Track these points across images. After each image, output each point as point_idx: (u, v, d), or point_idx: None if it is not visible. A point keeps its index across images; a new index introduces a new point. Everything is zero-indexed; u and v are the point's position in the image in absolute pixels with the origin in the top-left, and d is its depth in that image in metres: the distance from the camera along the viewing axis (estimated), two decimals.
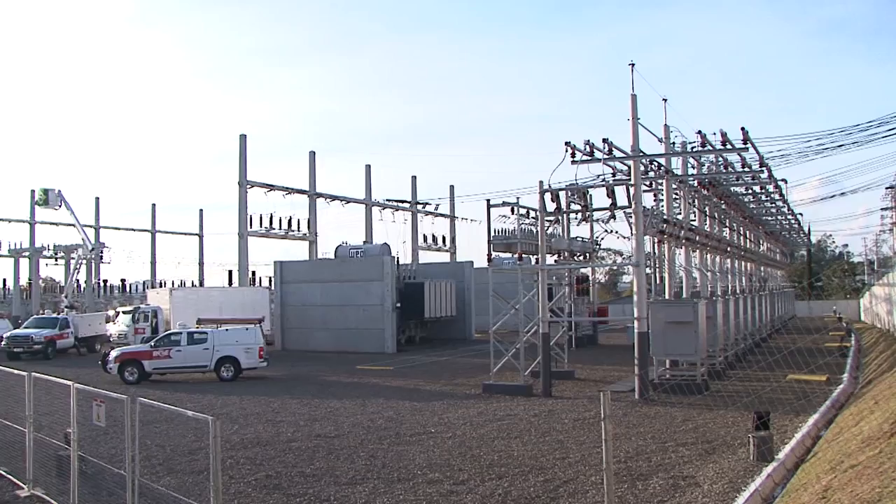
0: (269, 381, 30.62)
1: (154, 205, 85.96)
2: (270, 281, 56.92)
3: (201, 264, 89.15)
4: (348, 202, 64.49)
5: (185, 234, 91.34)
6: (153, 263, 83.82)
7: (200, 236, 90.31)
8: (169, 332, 34.07)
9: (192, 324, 32.96)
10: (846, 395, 22.49)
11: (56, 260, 63.89)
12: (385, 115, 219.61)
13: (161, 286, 70.64)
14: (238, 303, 45.61)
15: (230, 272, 62.85)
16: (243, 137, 52.87)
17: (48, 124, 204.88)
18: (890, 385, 20.19)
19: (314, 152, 60.12)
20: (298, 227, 58.55)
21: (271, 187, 55.55)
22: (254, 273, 61.20)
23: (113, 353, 31.37)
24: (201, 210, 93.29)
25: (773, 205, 44.80)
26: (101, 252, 61.56)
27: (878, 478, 9.69)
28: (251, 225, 53.44)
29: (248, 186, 53.04)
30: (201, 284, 77.96)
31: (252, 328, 31.94)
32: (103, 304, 64.67)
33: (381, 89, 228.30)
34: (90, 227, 71.45)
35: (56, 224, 67.34)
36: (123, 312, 47.25)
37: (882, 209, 61.82)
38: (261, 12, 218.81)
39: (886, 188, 52.80)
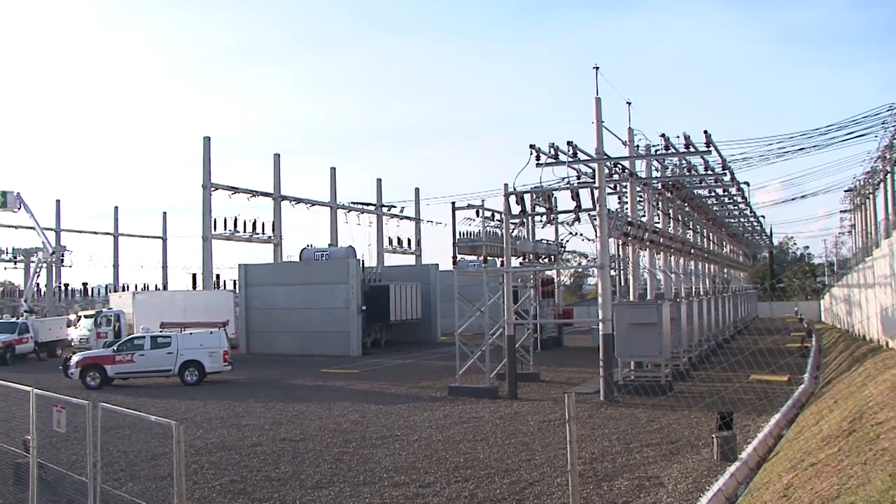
0: (234, 385, 30.39)
1: (116, 207, 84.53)
2: (235, 284, 56.38)
3: (165, 267, 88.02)
4: (313, 205, 64.15)
5: (149, 237, 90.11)
6: (116, 267, 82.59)
7: (164, 239, 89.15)
8: (132, 336, 33.67)
9: (155, 327, 32.58)
10: (807, 395, 22.82)
11: (15, 263, 62.85)
12: (351, 118, 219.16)
13: (124, 290, 69.62)
14: (202, 306, 45.14)
15: (194, 275, 61.93)
16: (207, 140, 52.34)
17: (6, 124, 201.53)
18: (849, 385, 20.54)
19: (279, 154, 59.74)
20: (263, 230, 58.14)
21: (236, 190, 55.07)
22: (218, 276, 60.56)
23: (74, 358, 30.96)
24: (165, 213, 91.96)
25: (736, 207, 45.38)
26: (62, 255, 60.65)
27: (837, 475, 9.85)
28: (215, 228, 52.90)
29: (213, 189, 52.50)
30: (165, 288, 76.93)
31: (216, 332, 31.68)
32: (64, 308, 63.50)
33: (348, 92, 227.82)
34: (50, 229, 70.29)
35: (15, 227, 66.00)
36: (85, 316, 46.53)
37: (841, 212, 62.74)
38: (226, 14, 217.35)
39: (845, 191, 53.64)
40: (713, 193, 39.54)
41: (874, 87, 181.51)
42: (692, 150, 26.78)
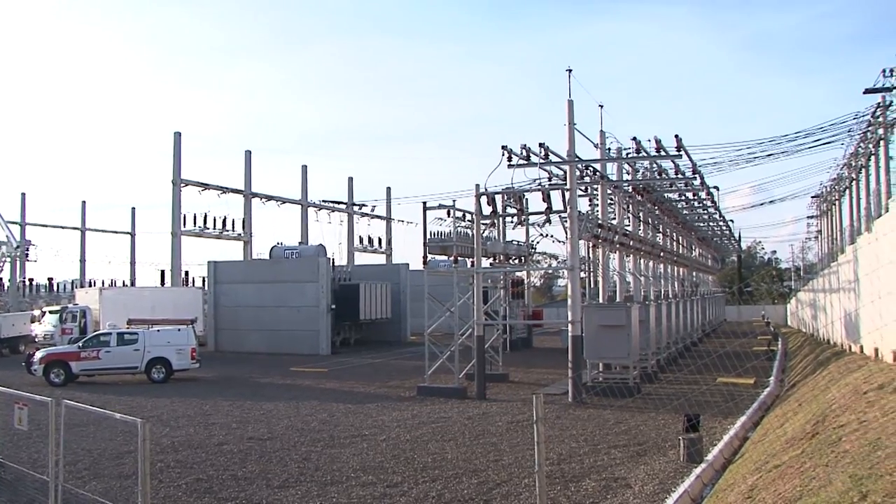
0: (202, 383, 30.15)
1: (84, 202, 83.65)
2: (204, 281, 55.96)
3: (133, 264, 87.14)
4: (284, 202, 63.79)
5: (117, 232, 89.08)
6: (82, 262, 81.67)
7: (132, 235, 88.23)
8: (98, 332, 33.28)
9: (122, 324, 32.25)
10: (772, 398, 23.07)
11: None
12: (324, 117, 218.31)
13: (90, 285, 68.90)
14: (170, 303, 44.73)
15: (162, 272, 61.32)
16: (178, 135, 51.85)
17: None
18: (813, 388, 20.80)
19: (250, 151, 59.33)
20: (233, 227, 57.61)
21: (206, 186, 54.54)
22: (187, 273, 60.06)
23: (38, 354, 30.54)
24: (133, 208, 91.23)
25: (705, 211, 45.80)
26: (27, 250, 59.82)
27: (800, 477, 9.97)
28: (185, 224, 52.35)
29: (183, 185, 51.99)
30: (133, 284, 76.23)
31: (184, 329, 31.41)
32: (28, 303, 62.70)
33: (322, 90, 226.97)
34: (15, 223, 69.25)
35: None
36: (50, 312, 46.01)
37: (808, 217, 63.73)
38: (199, 10, 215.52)
39: (812, 197, 54.50)
40: (683, 197, 39.88)
41: (842, 95, 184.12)
42: (663, 153, 26.99)
